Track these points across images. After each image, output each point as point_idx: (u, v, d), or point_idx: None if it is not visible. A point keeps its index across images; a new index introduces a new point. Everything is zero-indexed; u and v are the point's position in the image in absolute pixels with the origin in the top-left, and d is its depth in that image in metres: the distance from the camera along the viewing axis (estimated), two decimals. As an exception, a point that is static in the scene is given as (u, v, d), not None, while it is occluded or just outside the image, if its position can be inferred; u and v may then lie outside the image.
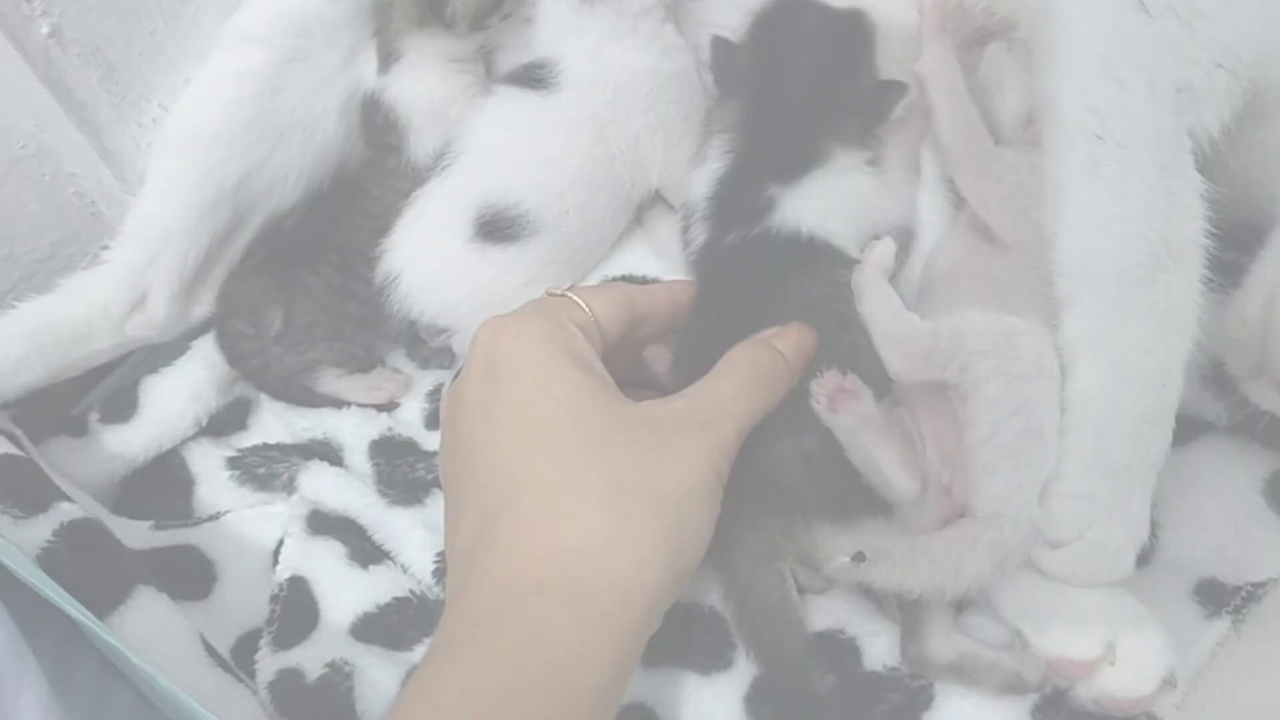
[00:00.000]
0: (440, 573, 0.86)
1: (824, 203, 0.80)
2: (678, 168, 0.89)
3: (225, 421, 0.99)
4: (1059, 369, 0.72)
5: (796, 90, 0.83)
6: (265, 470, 0.94)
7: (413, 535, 0.88)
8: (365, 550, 0.88)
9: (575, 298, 0.72)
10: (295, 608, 0.85)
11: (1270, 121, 0.75)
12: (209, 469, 0.96)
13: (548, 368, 0.66)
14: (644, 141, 0.88)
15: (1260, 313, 0.71)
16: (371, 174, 0.97)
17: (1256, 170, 0.76)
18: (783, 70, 0.84)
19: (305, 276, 0.95)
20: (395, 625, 0.84)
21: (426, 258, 0.89)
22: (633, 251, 0.96)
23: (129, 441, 0.95)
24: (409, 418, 0.98)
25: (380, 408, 0.98)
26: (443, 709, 0.56)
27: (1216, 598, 0.77)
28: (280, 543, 0.88)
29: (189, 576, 0.88)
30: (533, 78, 0.89)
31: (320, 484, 0.92)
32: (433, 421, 0.96)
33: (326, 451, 0.96)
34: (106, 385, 1.00)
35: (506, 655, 0.57)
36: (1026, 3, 0.78)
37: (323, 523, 0.90)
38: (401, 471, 0.93)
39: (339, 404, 0.97)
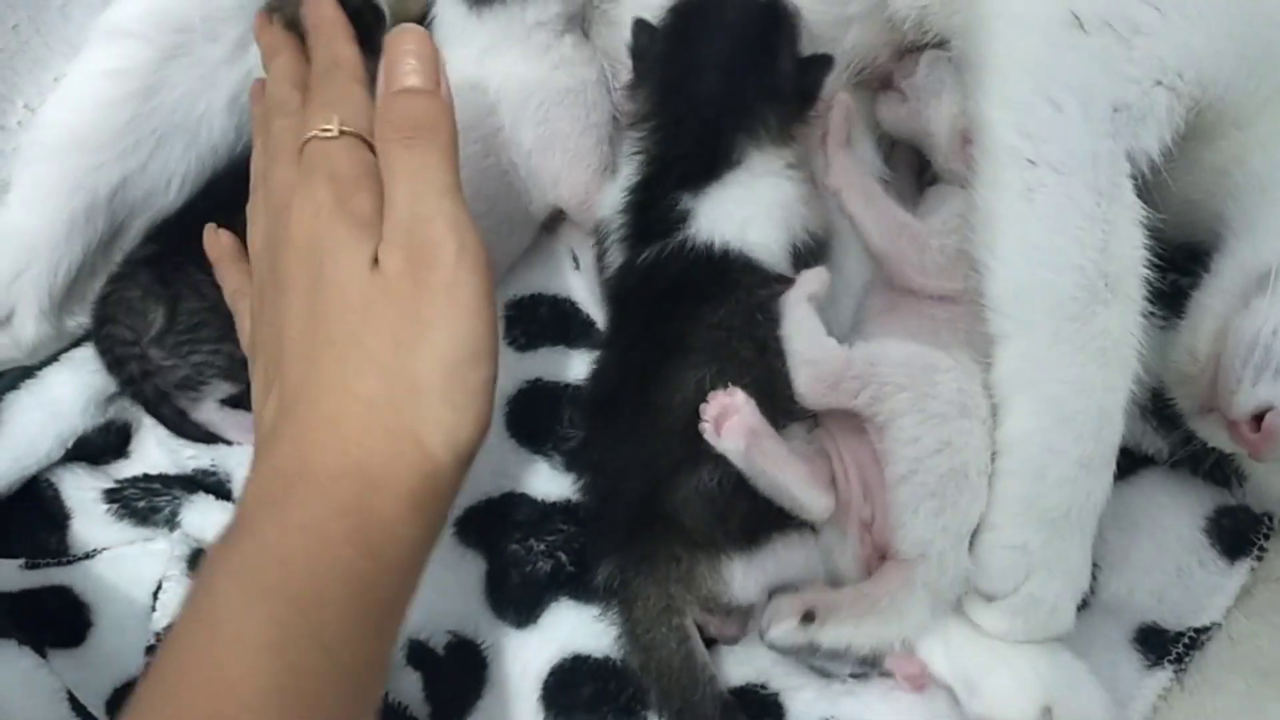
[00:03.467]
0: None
1: (741, 209, 0.75)
2: (579, 186, 0.83)
3: (103, 448, 0.91)
4: (987, 409, 0.68)
5: (709, 81, 0.77)
6: (146, 504, 0.87)
7: (304, 576, 0.82)
8: (252, 594, 0.82)
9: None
10: (173, 660, 0.78)
11: (1214, 140, 0.71)
12: (85, 501, 0.88)
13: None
14: (537, 156, 0.82)
15: (1210, 346, 0.67)
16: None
17: (1199, 192, 0.72)
18: (695, 59, 0.77)
19: (193, 273, 0.86)
20: (283, 677, 0.78)
21: None
22: (543, 267, 0.90)
23: (-10, 463, 0.87)
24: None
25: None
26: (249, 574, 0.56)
27: (1158, 645, 0.74)
28: (159, 585, 0.82)
29: (61, 622, 0.82)
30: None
31: (205, 520, 0.85)
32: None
33: (213, 483, 0.88)
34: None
35: (307, 525, 0.57)
36: (957, 18, 0.73)
37: (206, 563, 0.83)
38: (295, 504, 0.86)
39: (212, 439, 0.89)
